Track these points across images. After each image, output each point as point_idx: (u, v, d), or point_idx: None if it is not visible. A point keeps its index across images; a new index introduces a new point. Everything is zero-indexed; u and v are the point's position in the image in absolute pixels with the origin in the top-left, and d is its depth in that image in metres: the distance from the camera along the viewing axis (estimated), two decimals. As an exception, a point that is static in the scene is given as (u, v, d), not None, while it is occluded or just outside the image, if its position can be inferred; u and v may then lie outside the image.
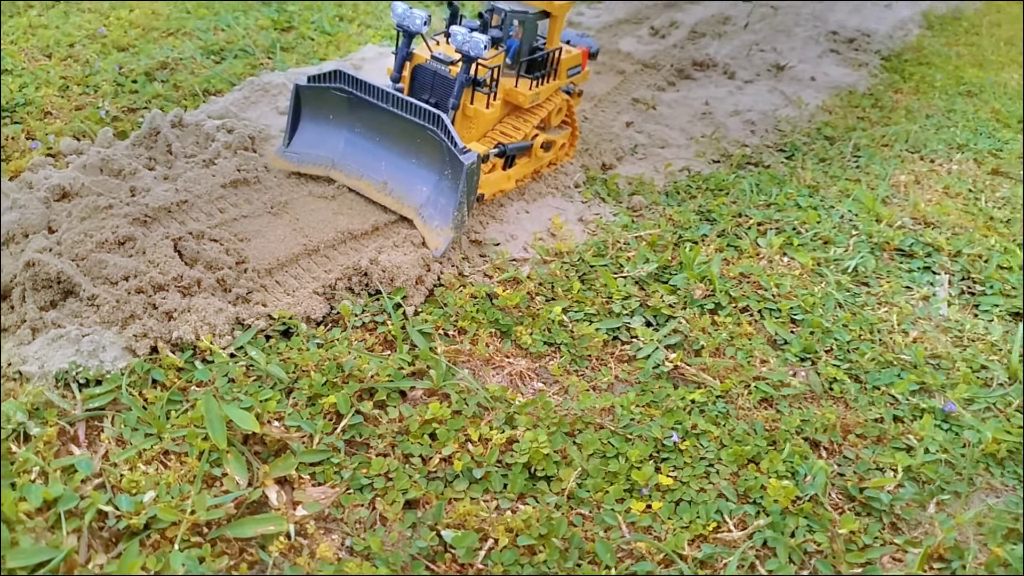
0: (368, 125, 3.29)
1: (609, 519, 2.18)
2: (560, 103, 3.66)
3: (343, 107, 3.29)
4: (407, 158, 3.21)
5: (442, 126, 2.97)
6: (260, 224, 3.07)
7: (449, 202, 3.05)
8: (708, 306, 3.06)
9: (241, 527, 2.02)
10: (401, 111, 3.07)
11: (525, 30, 3.37)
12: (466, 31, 3.01)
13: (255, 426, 2.22)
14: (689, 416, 2.55)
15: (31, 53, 4.40)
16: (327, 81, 3.23)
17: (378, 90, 3.11)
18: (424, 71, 3.29)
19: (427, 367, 2.61)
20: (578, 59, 3.69)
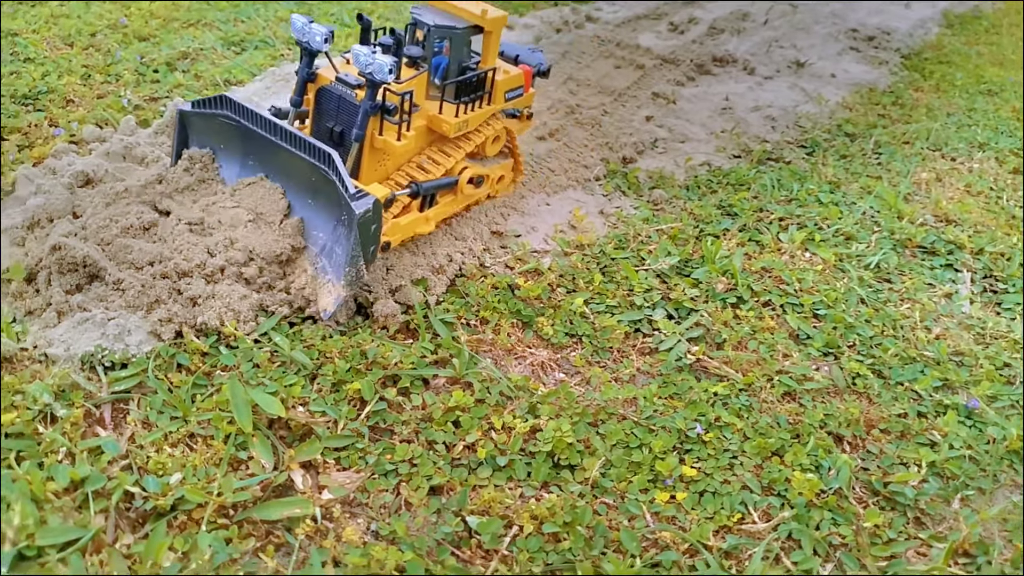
0: (261, 158, 2.85)
1: (634, 508, 2.18)
2: (497, 130, 3.19)
3: (234, 136, 2.85)
4: (303, 199, 2.78)
5: (333, 167, 2.56)
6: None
7: (344, 254, 2.60)
8: (730, 300, 3.05)
9: (267, 510, 2.02)
10: (289, 145, 2.66)
11: (454, 47, 2.96)
12: (368, 51, 2.60)
13: (280, 410, 2.22)
14: (712, 408, 2.55)
15: (53, 42, 4.42)
16: (212, 107, 2.83)
17: (265, 120, 2.71)
18: (328, 95, 2.84)
19: (450, 356, 2.61)
20: (519, 80, 3.20)
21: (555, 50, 4.95)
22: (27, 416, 2.15)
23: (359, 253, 2.55)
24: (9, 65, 4.07)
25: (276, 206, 2.76)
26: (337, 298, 2.60)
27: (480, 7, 2.94)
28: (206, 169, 2.92)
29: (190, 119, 2.93)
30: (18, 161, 3.30)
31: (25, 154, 3.36)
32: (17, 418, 2.13)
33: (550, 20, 5.45)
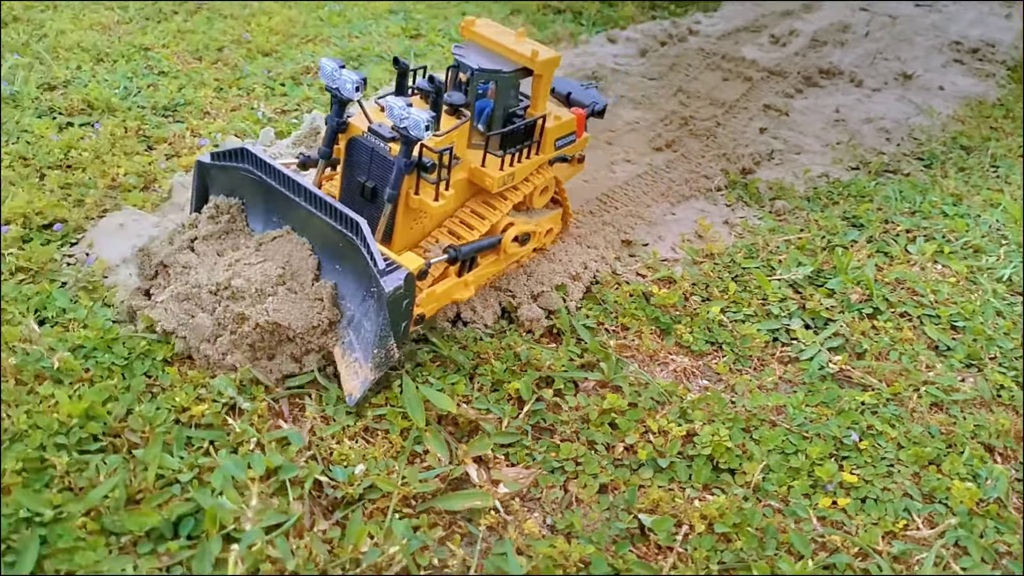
0: (286, 216, 2.57)
1: (801, 512, 2.21)
2: (546, 180, 2.88)
3: (256, 191, 2.60)
4: (330, 263, 2.49)
5: (361, 236, 2.29)
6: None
7: (372, 331, 2.34)
8: (866, 310, 3.06)
9: (450, 500, 2.11)
10: (315, 208, 2.39)
11: (500, 92, 2.64)
12: (403, 104, 2.30)
13: (451, 407, 2.32)
14: (862, 417, 2.56)
15: (183, 57, 4.64)
16: (232, 160, 2.59)
17: (288, 179, 2.45)
18: (360, 146, 2.55)
19: (597, 360, 2.67)
20: (570, 126, 2.89)
21: (663, 63, 5.01)
22: (215, 408, 2.28)
23: (389, 333, 2.29)
24: (145, 78, 4.29)
25: (306, 263, 2.47)
26: (364, 381, 2.33)
27: (530, 47, 2.63)
28: (233, 220, 2.66)
29: (210, 172, 2.69)
30: (169, 169, 3.49)
31: (174, 162, 3.54)
32: (207, 410, 2.26)
33: (653, 33, 5.52)
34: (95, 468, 2.09)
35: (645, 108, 4.41)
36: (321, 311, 2.40)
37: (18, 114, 3.76)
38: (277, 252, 2.51)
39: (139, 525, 1.93)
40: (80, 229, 3.03)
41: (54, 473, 2.07)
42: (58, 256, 2.87)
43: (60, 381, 2.36)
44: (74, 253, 2.91)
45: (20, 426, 2.17)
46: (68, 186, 3.28)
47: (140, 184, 3.35)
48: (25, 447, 2.11)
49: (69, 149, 3.51)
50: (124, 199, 3.22)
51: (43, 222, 3.02)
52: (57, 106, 3.88)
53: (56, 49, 4.49)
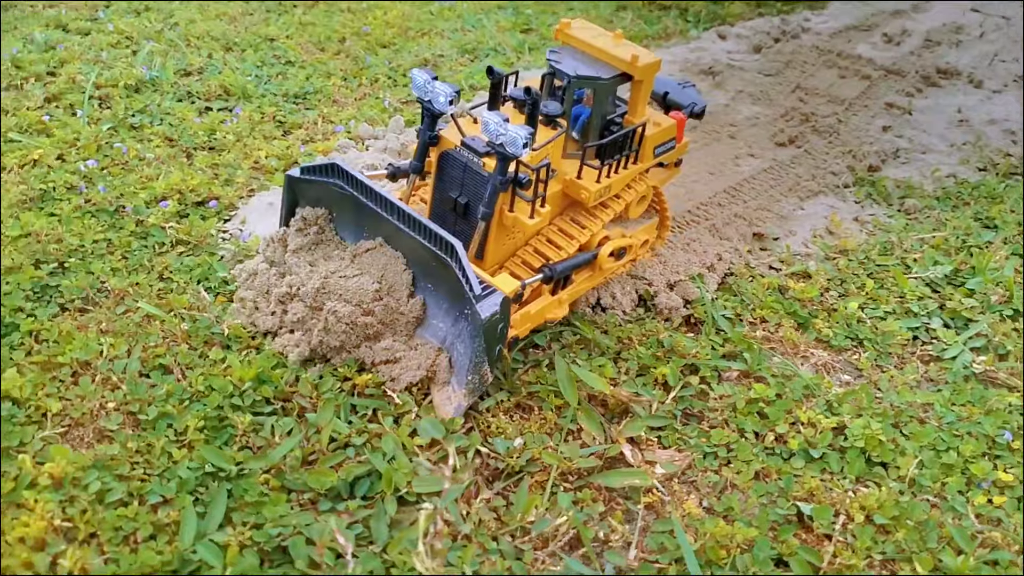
0: (378, 231, 2.50)
1: (959, 507, 2.19)
2: (644, 190, 2.74)
3: (346, 205, 2.53)
4: (423, 279, 2.43)
5: (456, 259, 2.20)
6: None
7: (466, 354, 2.28)
8: (1007, 312, 3.00)
9: (609, 477, 2.16)
10: (407, 228, 2.31)
11: (597, 99, 2.55)
12: (499, 119, 2.18)
13: (605, 387, 2.36)
14: (1011, 417, 2.52)
15: (307, 47, 4.79)
16: (322, 175, 2.52)
17: (381, 197, 2.36)
18: (453, 161, 2.44)
19: (739, 350, 2.68)
20: (670, 132, 2.74)
21: (779, 59, 4.97)
22: (376, 379, 2.36)
23: (483, 359, 2.23)
24: (274, 67, 4.44)
25: (401, 278, 2.43)
26: (458, 406, 2.27)
27: (630, 51, 2.51)
28: (322, 231, 2.62)
29: (299, 186, 2.61)
30: (307, 153, 3.61)
31: (311, 147, 3.67)
32: (369, 380, 2.35)
33: (765, 30, 5.47)
34: (271, 429, 2.20)
35: (764, 104, 4.39)
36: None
37: (159, 98, 3.94)
38: (372, 265, 2.45)
39: (319, 483, 2.03)
40: (232, 207, 3.17)
41: (233, 432, 2.18)
42: (214, 231, 3.01)
43: (229, 347, 2.48)
44: (228, 229, 3.05)
45: (197, 387, 2.30)
46: (215, 166, 3.43)
47: (281, 166, 3.48)
48: (204, 407, 2.23)
49: (212, 132, 3.67)
50: (269, 180, 3.36)
51: (197, 199, 3.17)
52: (195, 91, 4.05)
53: (188, 37, 4.68)
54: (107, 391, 2.27)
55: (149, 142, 3.55)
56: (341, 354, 2.42)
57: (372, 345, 2.41)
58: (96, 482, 1.98)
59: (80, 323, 2.51)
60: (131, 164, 3.35)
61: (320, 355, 2.43)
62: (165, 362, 2.38)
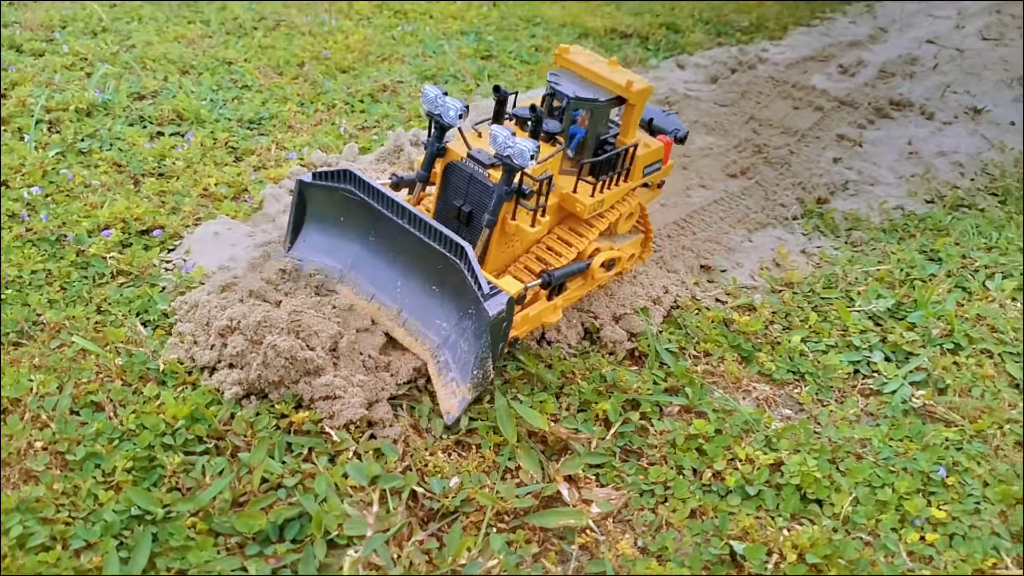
0: (385, 236, 2.65)
1: (891, 545, 2.21)
2: (632, 207, 2.91)
3: (357, 211, 2.65)
4: (427, 284, 2.57)
5: (465, 260, 2.35)
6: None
7: (470, 351, 2.40)
8: (947, 346, 3.04)
9: (544, 517, 2.15)
10: (418, 231, 2.45)
11: (593, 120, 2.70)
12: (507, 132, 2.35)
13: (544, 424, 2.36)
14: (948, 453, 2.55)
15: (265, 71, 4.77)
16: (335, 180, 2.64)
17: (392, 202, 2.50)
18: (458, 172, 2.61)
19: (681, 385, 2.70)
20: (658, 154, 2.91)
21: (734, 90, 5.04)
22: (315, 416, 2.34)
23: (488, 355, 2.36)
24: (230, 91, 4.42)
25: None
26: (462, 401, 2.39)
27: (625, 77, 2.67)
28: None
29: (310, 192, 2.74)
30: (258, 180, 3.59)
31: (263, 174, 3.65)
32: (307, 417, 2.33)
33: (722, 60, 5.55)
34: (201, 469, 2.17)
35: (718, 134, 4.44)
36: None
37: (110, 122, 3.90)
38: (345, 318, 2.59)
39: (247, 527, 2.00)
40: (177, 236, 3.13)
41: (163, 473, 2.15)
42: (157, 261, 2.97)
43: (164, 383, 2.44)
44: (172, 259, 3.01)
45: (129, 425, 2.26)
46: (163, 193, 3.39)
47: (231, 194, 3.46)
48: (134, 446, 2.20)
49: (162, 158, 3.64)
50: (217, 208, 3.33)
51: (141, 227, 3.13)
52: (148, 115, 4.02)
53: (143, 60, 4.65)
54: (35, 430, 2.23)
55: (96, 168, 3.50)
56: (280, 389, 2.39)
57: (312, 380, 2.38)
58: (18, 526, 1.94)
59: (13, 358, 2.46)
60: (76, 191, 3.31)
61: (258, 390, 2.40)
62: (97, 399, 2.34)
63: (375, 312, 2.65)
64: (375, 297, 2.67)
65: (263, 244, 3.02)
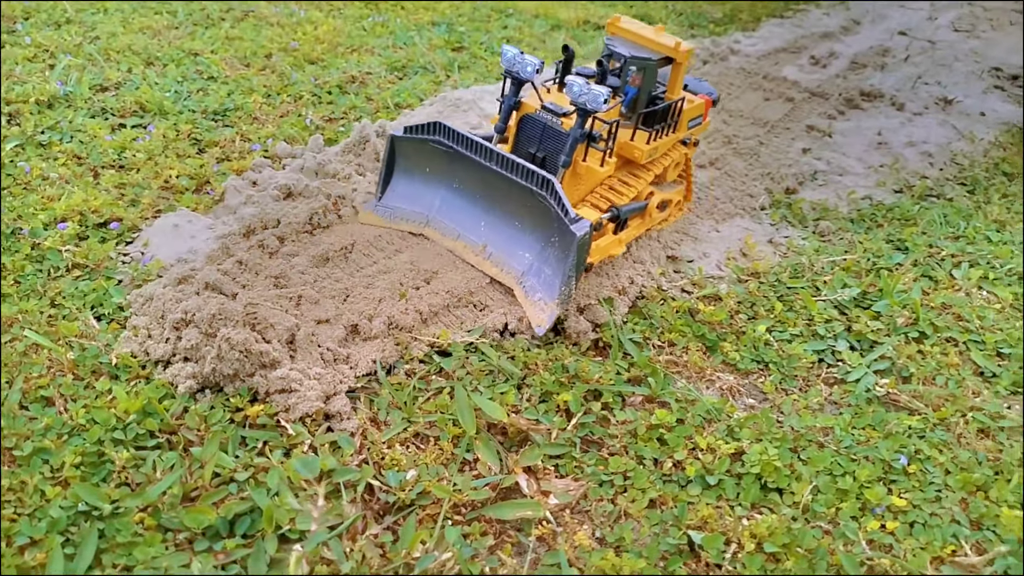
0: (468, 181, 2.99)
1: (850, 534, 2.20)
2: (678, 157, 3.31)
3: (442, 160, 2.99)
4: (510, 220, 2.91)
5: (552, 192, 2.67)
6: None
7: (555, 273, 2.74)
8: (912, 334, 3.04)
9: (501, 509, 2.12)
10: (506, 171, 2.78)
11: (645, 77, 3.03)
12: (583, 82, 2.70)
13: (503, 415, 2.33)
14: (910, 441, 2.55)
15: (231, 62, 4.71)
16: (426, 132, 2.96)
17: (481, 146, 2.82)
18: (533, 122, 2.95)
19: (644, 375, 2.68)
20: (700, 109, 3.33)
21: (706, 80, 5.02)
22: (270, 410, 2.30)
23: (574, 273, 2.67)
24: (195, 83, 4.36)
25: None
26: (551, 315, 2.73)
27: (672, 39, 3.03)
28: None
29: (400, 145, 3.06)
30: (221, 172, 3.54)
31: (225, 166, 3.60)
32: (262, 411, 2.29)
33: (695, 52, 5.53)
34: (152, 464, 2.13)
35: (687, 125, 4.42)
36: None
37: (71, 114, 3.84)
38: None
39: (196, 522, 1.96)
40: (135, 228, 3.08)
41: (112, 468, 2.11)
42: (114, 254, 2.92)
43: (117, 377, 2.40)
44: (129, 252, 2.96)
45: (79, 420, 2.21)
46: (123, 186, 3.34)
47: (192, 186, 3.41)
48: (83, 441, 2.15)
49: (123, 150, 3.58)
50: (178, 200, 3.28)
51: (99, 220, 3.08)
52: (110, 107, 3.96)
53: (108, 51, 4.57)
54: (-18, 425, 2.18)
55: (55, 160, 3.44)
56: (235, 383, 2.35)
57: (267, 373, 2.35)
58: (-39, 523, 1.90)
59: (-39, 353, 2.41)
60: (33, 184, 3.24)
61: (213, 384, 2.36)
62: (48, 394, 2.30)
63: (462, 250, 2.97)
64: (461, 236, 3.00)
65: (223, 236, 2.98)
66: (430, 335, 2.67)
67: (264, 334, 2.41)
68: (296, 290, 2.66)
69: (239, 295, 2.56)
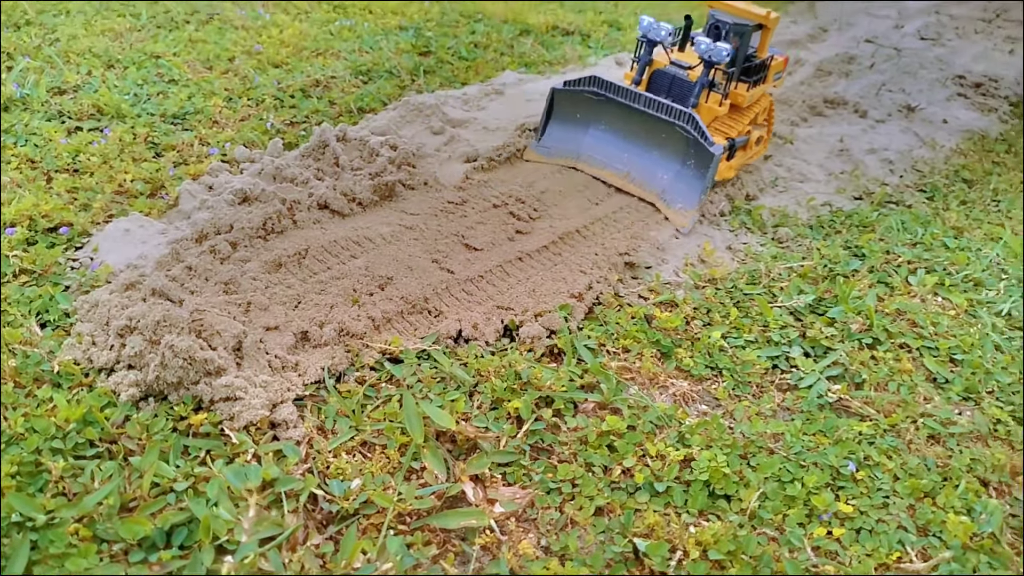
0: (612, 123, 3.80)
1: (795, 541, 2.20)
2: (766, 103, 4.09)
3: (590, 107, 3.80)
4: (648, 151, 3.71)
5: (694, 123, 3.48)
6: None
7: (692, 187, 3.57)
8: (866, 340, 3.06)
9: (445, 518, 2.10)
10: (655, 112, 3.58)
11: (743, 40, 3.73)
12: (709, 41, 3.52)
13: (451, 423, 2.31)
14: (860, 447, 2.56)
15: (193, 65, 4.67)
16: (584, 85, 3.75)
17: (633, 93, 3.65)
18: (663, 75, 3.77)
19: (597, 381, 2.67)
20: (782, 66, 4.08)
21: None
22: (214, 418, 2.27)
23: (710, 184, 3.57)
24: (155, 86, 4.31)
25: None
26: (692, 218, 3.57)
27: (763, 9, 3.81)
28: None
29: (559, 96, 3.84)
30: (176, 177, 3.50)
31: (182, 170, 3.56)
32: (205, 419, 2.26)
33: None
34: (90, 474, 2.09)
35: (651, 132, 4.44)
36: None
37: (27, 117, 3.78)
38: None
39: (132, 533, 1.93)
40: (86, 233, 3.04)
41: (49, 478, 2.07)
42: (62, 260, 2.88)
43: (59, 385, 2.36)
44: (79, 257, 2.92)
45: (17, 429, 2.17)
46: (75, 190, 3.29)
47: (147, 190, 3.37)
48: (21, 451, 2.11)
49: (77, 153, 3.53)
50: (131, 205, 3.24)
51: (49, 225, 3.03)
52: (67, 110, 3.90)
53: (67, 54, 4.52)
54: (-84, 435, 2.13)
55: (8, 164, 3.39)
56: (179, 391, 2.32)
57: (212, 381, 2.31)
58: None
59: (-102, 360, 2.36)
60: (-17, 188, 3.19)
61: (157, 392, 2.33)
62: (-14, 402, 2.25)
63: (609, 176, 3.79)
64: (607, 166, 3.81)
65: (174, 241, 2.94)
66: (382, 342, 2.65)
67: (210, 341, 2.38)
68: (246, 296, 2.64)
69: (186, 301, 2.53)
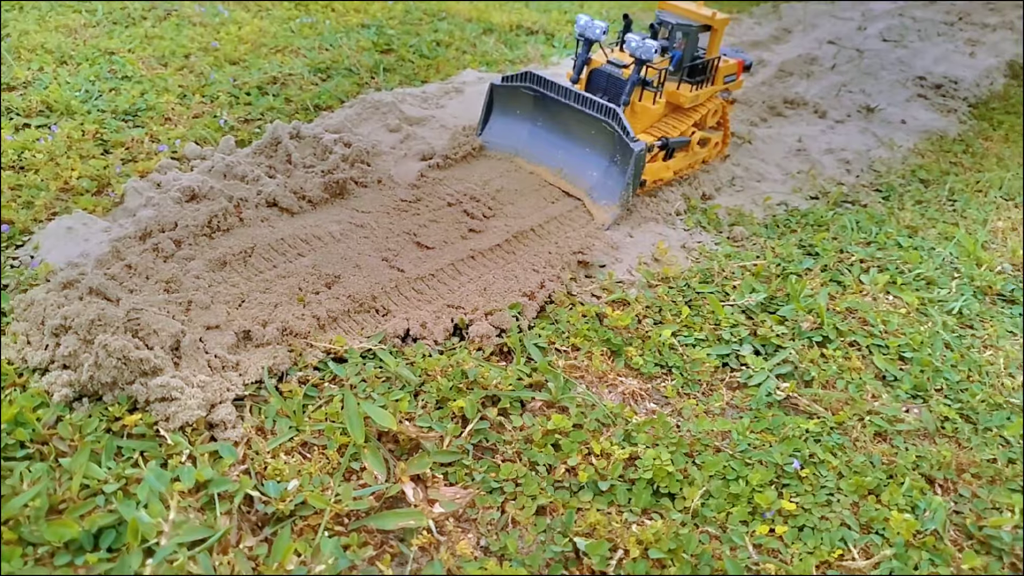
0: (548, 120, 3.83)
1: (736, 539, 2.20)
2: (716, 106, 4.06)
3: (528, 104, 3.84)
4: (581, 147, 3.74)
5: (617, 119, 3.47)
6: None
7: (617, 184, 3.57)
8: (816, 338, 3.07)
9: (383, 519, 2.08)
10: (583, 107, 3.58)
11: (688, 41, 3.79)
12: (639, 38, 3.53)
13: (392, 424, 2.29)
14: (806, 445, 2.56)
15: (148, 62, 4.60)
16: (519, 81, 3.79)
17: (565, 89, 3.65)
18: (599, 74, 3.79)
19: (545, 380, 2.66)
20: (734, 68, 4.07)
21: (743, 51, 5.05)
22: (149, 419, 2.23)
23: (631, 182, 3.52)
24: (108, 82, 4.24)
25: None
26: (613, 214, 3.57)
27: (710, 10, 3.83)
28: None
29: (498, 91, 3.90)
30: (124, 174, 3.44)
31: (130, 167, 3.50)
32: (140, 420, 2.21)
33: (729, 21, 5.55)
34: (19, 475, 2.04)
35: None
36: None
37: (-27, 113, 3.70)
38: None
39: (58, 536, 1.88)
40: (27, 231, 2.97)
41: (-25, 480, 2.01)
42: (1, 258, 2.81)
43: (-10, 386, 2.30)
44: (19, 255, 2.85)
45: (-56, 431, 2.11)
46: (19, 187, 3.22)
47: (93, 188, 3.31)
48: (-53, 453, 2.06)
49: (23, 150, 3.46)
50: (75, 203, 3.17)
51: (-12, 223, 2.96)
52: (15, 107, 3.83)
53: (18, 50, 4.43)
54: None
55: (-51, 161, 3.31)
56: (114, 391, 2.27)
57: (148, 381, 2.27)
58: None
59: None
60: (-79, 185, 3.11)
61: (91, 392, 2.28)
62: (-88, 403, 2.19)
63: (544, 172, 3.80)
64: (542, 162, 3.83)
65: (116, 239, 2.89)
66: (326, 341, 2.62)
67: (146, 340, 2.34)
68: (187, 295, 2.59)
69: (123, 300, 2.48)
